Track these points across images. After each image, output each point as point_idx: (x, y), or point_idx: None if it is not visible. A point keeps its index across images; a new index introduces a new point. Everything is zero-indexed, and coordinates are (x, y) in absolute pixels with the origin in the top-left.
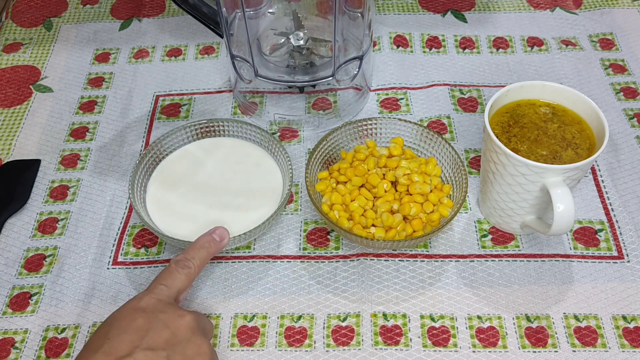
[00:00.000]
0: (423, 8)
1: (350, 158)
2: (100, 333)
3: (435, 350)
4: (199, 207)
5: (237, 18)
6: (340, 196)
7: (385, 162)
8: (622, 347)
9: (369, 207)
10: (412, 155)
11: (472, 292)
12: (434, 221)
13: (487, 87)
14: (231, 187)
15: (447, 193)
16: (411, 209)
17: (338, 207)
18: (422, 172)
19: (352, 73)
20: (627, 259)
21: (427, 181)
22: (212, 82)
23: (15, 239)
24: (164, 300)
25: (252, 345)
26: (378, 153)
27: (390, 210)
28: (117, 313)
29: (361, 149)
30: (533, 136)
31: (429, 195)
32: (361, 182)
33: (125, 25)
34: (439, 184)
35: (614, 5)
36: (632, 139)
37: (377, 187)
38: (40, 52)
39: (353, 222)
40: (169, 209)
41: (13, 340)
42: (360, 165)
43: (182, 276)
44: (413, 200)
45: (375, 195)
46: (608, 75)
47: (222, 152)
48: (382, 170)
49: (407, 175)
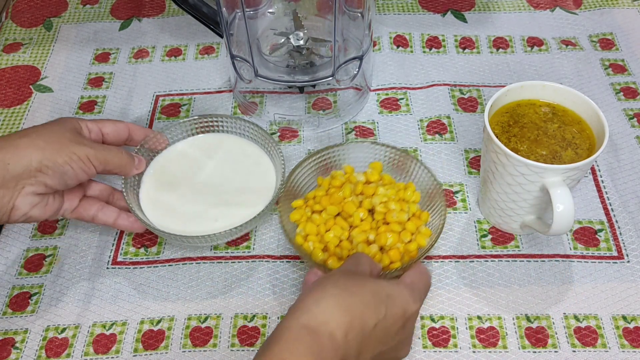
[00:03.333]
0: (423, 8)
1: (327, 185)
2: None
3: (435, 351)
4: (192, 202)
5: (237, 18)
6: (315, 226)
7: (361, 189)
8: (622, 347)
9: (345, 237)
10: (390, 180)
11: (472, 293)
12: (412, 251)
13: (487, 87)
14: (226, 184)
15: (426, 221)
16: (388, 239)
17: (313, 238)
18: (400, 199)
19: (352, 73)
20: (627, 259)
21: (404, 209)
22: (212, 82)
23: (15, 239)
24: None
25: (253, 345)
26: (355, 179)
27: (366, 241)
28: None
29: (338, 174)
30: (533, 136)
31: (406, 223)
32: (337, 211)
33: (125, 25)
34: (418, 211)
35: (614, 5)
36: (632, 139)
37: (353, 216)
38: (40, 52)
39: (328, 253)
40: (161, 203)
41: (13, 340)
42: (336, 192)
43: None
44: (390, 229)
45: (352, 225)
46: (608, 75)
47: (219, 148)
48: (358, 197)
49: (384, 203)
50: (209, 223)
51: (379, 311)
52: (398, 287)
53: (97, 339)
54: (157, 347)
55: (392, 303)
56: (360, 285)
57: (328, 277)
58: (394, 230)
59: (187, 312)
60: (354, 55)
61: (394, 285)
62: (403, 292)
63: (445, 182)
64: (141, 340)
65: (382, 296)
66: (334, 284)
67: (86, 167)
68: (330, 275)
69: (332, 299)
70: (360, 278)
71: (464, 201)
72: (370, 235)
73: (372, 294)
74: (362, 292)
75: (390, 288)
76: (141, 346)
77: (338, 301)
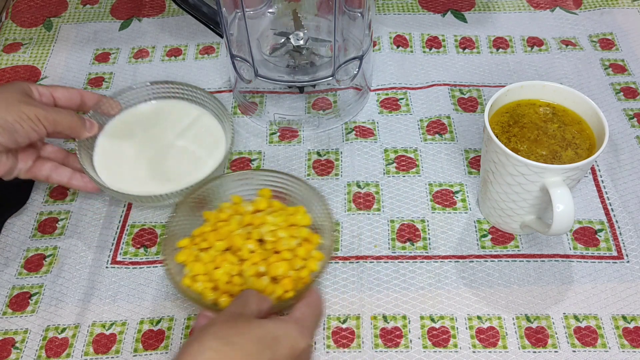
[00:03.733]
0: (423, 8)
1: (214, 219)
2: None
3: (435, 351)
4: (145, 164)
5: (237, 18)
6: (203, 265)
7: (249, 219)
8: (622, 347)
9: (236, 272)
10: (280, 206)
11: (472, 293)
12: (304, 277)
13: (487, 87)
14: (177, 147)
15: (317, 244)
16: (278, 269)
17: (202, 278)
18: (290, 225)
19: (352, 73)
20: (627, 259)
21: (294, 235)
22: (212, 82)
23: (15, 239)
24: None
25: None
26: (243, 209)
27: (257, 274)
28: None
29: (225, 207)
30: (533, 136)
31: (297, 250)
32: (225, 246)
33: (125, 25)
34: (309, 235)
35: (614, 5)
36: (632, 139)
37: (242, 249)
38: (40, 52)
39: (219, 291)
40: (115, 166)
41: (13, 340)
42: (224, 226)
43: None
44: (281, 258)
45: (242, 258)
46: (608, 75)
47: (171, 114)
48: (247, 228)
49: (273, 232)
50: (161, 184)
51: (262, 356)
52: (285, 326)
53: (97, 339)
54: (157, 347)
55: (278, 345)
56: (242, 333)
57: (208, 327)
58: (285, 258)
59: (186, 312)
60: (354, 55)
61: (280, 324)
62: (290, 330)
63: (445, 182)
64: (141, 340)
65: (267, 340)
66: (213, 336)
67: (36, 126)
68: (211, 324)
69: (209, 353)
70: (243, 323)
71: (464, 201)
72: (261, 268)
73: (256, 341)
74: (244, 341)
75: (276, 328)
76: (141, 346)
77: (215, 355)
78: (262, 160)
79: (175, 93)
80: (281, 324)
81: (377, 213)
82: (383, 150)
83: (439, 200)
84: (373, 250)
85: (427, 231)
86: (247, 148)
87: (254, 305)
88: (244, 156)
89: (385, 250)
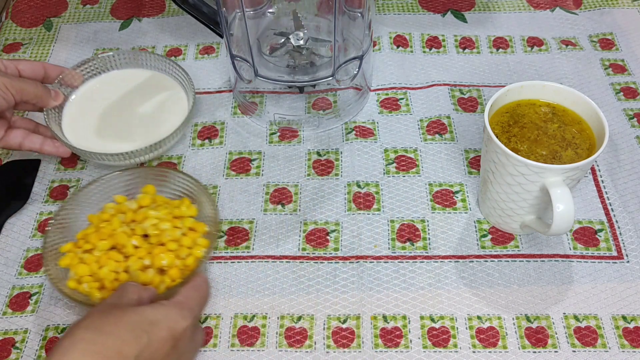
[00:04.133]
0: (423, 8)
1: (97, 221)
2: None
3: (435, 351)
4: (113, 127)
5: (237, 18)
6: (88, 266)
7: (132, 216)
8: (622, 347)
9: (122, 269)
10: (165, 201)
11: (472, 293)
12: (190, 265)
13: (487, 87)
14: (142, 110)
15: (203, 232)
16: (162, 259)
17: (87, 279)
18: (175, 217)
19: (352, 73)
20: (627, 259)
21: (178, 225)
22: (212, 82)
23: (15, 239)
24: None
25: (253, 346)
26: (127, 207)
27: (143, 267)
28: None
29: (108, 207)
30: (533, 136)
31: (181, 239)
32: (109, 245)
33: (125, 25)
34: (194, 224)
35: (614, 5)
36: (632, 139)
37: (127, 245)
38: (40, 52)
39: (106, 290)
40: (83, 131)
41: (13, 340)
42: (106, 227)
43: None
44: (166, 249)
45: (127, 255)
46: (608, 75)
47: (133, 80)
48: (131, 225)
49: (156, 225)
50: (129, 144)
51: (139, 341)
52: (164, 309)
53: None
54: None
55: (155, 328)
56: (116, 322)
57: (81, 321)
58: (170, 249)
59: None
60: (354, 55)
61: (159, 308)
62: (169, 313)
63: (445, 182)
64: None
65: (143, 325)
66: (85, 328)
67: (5, 94)
68: (84, 318)
69: (82, 344)
70: (118, 312)
71: (464, 201)
72: (146, 261)
73: (131, 327)
74: (119, 329)
75: (154, 313)
76: None
77: (88, 346)
78: (262, 160)
79: (134, 61)
80: (160, 307)
81: (377, 213)
82: (383, 150)
83: (439, 200)
84: (373, 250)
85: (427, 231)
86: (247, 148)
87: (133, 295)
88: (244, 156)
89: (385, 250)
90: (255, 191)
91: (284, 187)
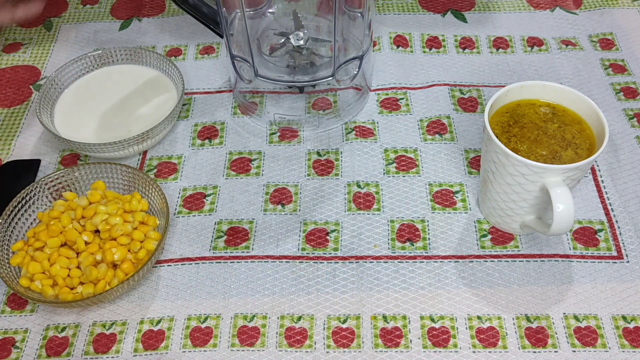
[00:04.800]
0: (423, 8)
1: (47, 219)
2: None
3: (435, 351)
4: (105, 119)
5: (237, 18)
6: (39, 264)
7: (81, 213)
8: (622, 347)
9: (74, 265)
10: (115, 196)
11: (472, 293)
12: (142, 258)
13: (487, 87)
14: (135, 102)
15: (154, 225)
16: (114, 254)
17: (39, 276)
18: (126, 212)
19: (352, 73)
20: (627, 259)
21: (129, 220)
22: (212, 82)
23: None
24: None
25: (253, 346)
26: (76, 204)
27: (94, 262)
28: None
29: (57, 205)
30: (533, 136)
31: (133, 233)
32: (60, 242)
33: (125, 25)
34: (146, 218)
35: (614, 5)
36: (632, 139)
37: (77, 242)
38: (40, 52)
39: (58, 286)
40: (75, 124)
41: (13, 339)
42: (55, 224)
43: None
44: (118, 244)
45: (78, 251)
46: (608, 75)
47: (126, 75)
48: (81, 222)
49: (106, 220)
50: (123, 134)
51: None
52: None
53: (97, 339)
54: (157, 347)
55: None
56: None
57: None
58: (122, 243)
59: (186, 312)
60: (354, 55)
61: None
62: None
63: (445, 182)
64: (141, 340)
65: None
66: None
67: None
68: None
69: None
70: None
71: (464, 201)
72: (97, 256)
73: None
74: None
75: None
76: (141, 346)
77: None
78: (262, 160)
79: (127, 58)
80: None
81: (377, 213)
82: (383, 150)
83: (439, 200)
84: (373, 250)
85: (427, 231)
86: (247, 148)
87: None
88: (244, 156)
89: (385, 250)
90: (255, 191)
91: (284, 187)
